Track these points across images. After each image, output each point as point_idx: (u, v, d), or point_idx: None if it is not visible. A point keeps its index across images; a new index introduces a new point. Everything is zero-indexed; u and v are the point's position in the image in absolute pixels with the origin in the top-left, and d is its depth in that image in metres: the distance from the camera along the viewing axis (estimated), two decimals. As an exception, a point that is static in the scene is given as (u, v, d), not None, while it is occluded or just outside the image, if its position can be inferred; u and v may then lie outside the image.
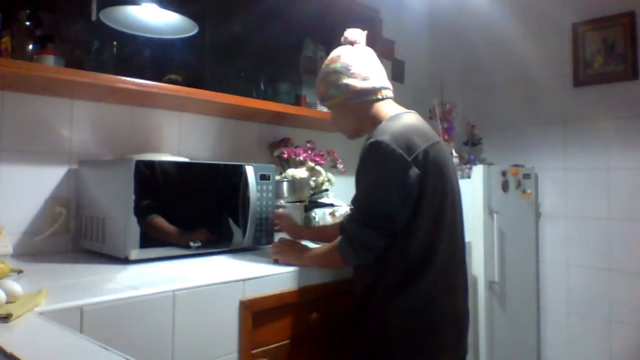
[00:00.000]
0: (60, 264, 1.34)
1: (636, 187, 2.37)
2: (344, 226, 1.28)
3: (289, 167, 2.00)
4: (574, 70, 2.56)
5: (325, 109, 2.19)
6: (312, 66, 2.29)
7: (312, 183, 2.03)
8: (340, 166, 2.21)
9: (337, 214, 1.86)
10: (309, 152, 2.06)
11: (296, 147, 2.07)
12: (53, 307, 0.89)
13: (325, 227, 1.77)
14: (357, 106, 1.33)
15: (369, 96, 1.32)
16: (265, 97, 2.05)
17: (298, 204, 1.87)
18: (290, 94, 2.21)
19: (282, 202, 1.82)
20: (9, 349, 0.67)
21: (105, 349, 0.70)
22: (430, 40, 3.10)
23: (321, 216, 1.92)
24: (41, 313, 0.86)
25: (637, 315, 2.35)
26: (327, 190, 2.09)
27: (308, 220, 1.95)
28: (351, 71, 1.32)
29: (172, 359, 1.05)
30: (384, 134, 1.19)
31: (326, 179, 2.09)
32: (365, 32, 1.42)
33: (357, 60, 1.33)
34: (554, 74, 2.64)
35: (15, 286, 0.89)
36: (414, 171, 1.17)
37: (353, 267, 1.34)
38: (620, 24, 2.41)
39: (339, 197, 2.21)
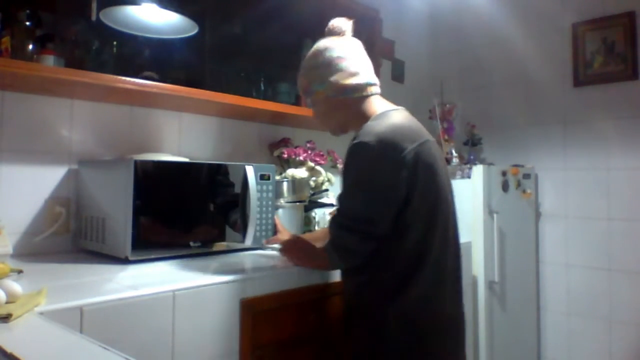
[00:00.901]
0: (60, 264, 1.34)
1: (636, 187, 2.37)
2: (329, 229, 1.24)
3: (289, 167, 2.00)
4: (574, 70, 2.56)
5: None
6: (312, 66, 2.29)
7: (312, 183, 2.03)
8: (340, 166, 2.21)
9: (337, 214, 1.86)
10: (309, 152, 2.06)
11: (296, 147, 2.07)
12: (53, 307, 0.89)
13: (317, 234, 1.72)
14: (342, 103, 1.27)
15: (355, 93, 1.26)
16: (265, 97, 2.05)
17: (298, 204, 1.87)
18: (290, 94, 2.21)
19: (282, 202, 1.82)
20: (9, 349, 0.67)
21: (105, 349, 0.70)
22: (430, 40, 3.10)
23: (321, 216, 1.92)
24: (41, 313, 0.86)
25: (637, 315, 2.35)
26: (327, 190, 2.09)
27: (308, 220, 1.95)
28: (337, 66, 1.25)
29: (172, 359, 1.05)
30: (369, 135, 1.14)
31: (326, 179, 2.09)
32: (352, 21, 1.35)
33: (343, 54, 1.26)
34: (554, 74, 2.64)
35: (15, 286, 0.89)
36: (401, 173, 1.12)
37: (341, 270, 1.32)
38: (620, 24, 2.41)
39: (339, 197, 2.20)
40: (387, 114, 1.24)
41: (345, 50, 1.28)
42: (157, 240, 1.39)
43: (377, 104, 1.28)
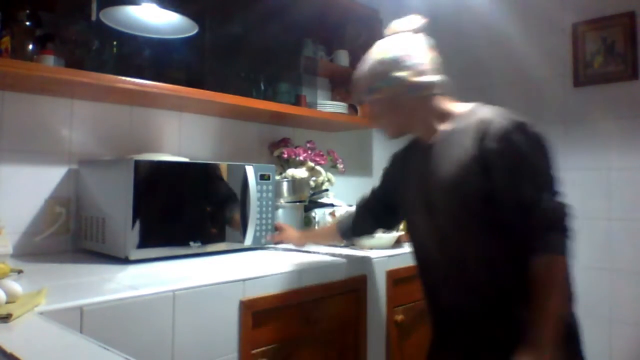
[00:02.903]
0: (60, 264, 1.34)
1: (636, 187, 2.37)
2: (544, 222, 1.06)
3: (289, 167, 2.00)
4: (574, 70, 2.56)
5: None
6: (312, 66, 2.29)
7: (312, 183, 2.03)
8: (340, 166, 2.21)
9: (337, 214, 1.86)
10: (309, 152, 2.06)
11: (296, 147, 2.07)
12: (53, 307, 0.89)
13: (325, 228, 1.75)
14: (408, 102, 1.20)
15: (424, 91, 1.19)
16: (265, 97, 2.05)
17: (298, 204, 1.87)
18: (290, 94, 2.21)
19: (282, 202, 1.82)
20: (9, 349, 0.67)
21: (105, 349, 0.70)
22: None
23: (321, 216, 1.93)
24: (41, 313, 0.86)
25: (637, 315, 2.35)
26: (327, 190, 2.09)
27: (308, 220, 1.95)
28: (404, 63, 1.19)
29: (172, 359, 1.05)
30: (512, 117, 1.14)
31: (326, 179, 2.09)
32: (423, 19, 1.29)
33: (411, 51, 1.20)
34: (554, 74, 2.63)
35: (15, 286, 0.89)
36: None
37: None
38: (620, 24, 2.41)
39: (339, 197, 2.21)
40: (481, 106, 1.21)
41: (411, 47, 1.22)
42: (157, 240, 1.39)
43: (451, 102, 1.24)
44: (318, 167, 2.04)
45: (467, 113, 1.20)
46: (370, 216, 1.50)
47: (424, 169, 1.23)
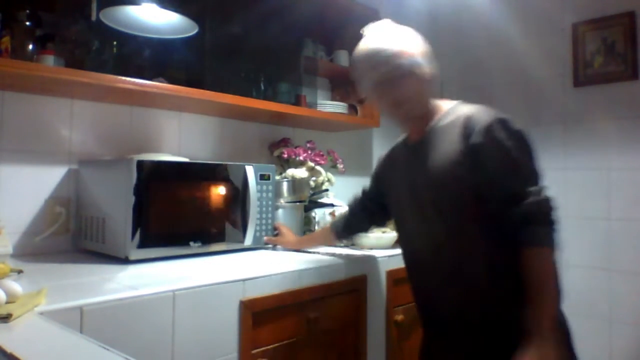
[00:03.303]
0: (60, 264, 1.34)
1: (636, 187, 2.37)
2: (530, 215, 1.07)
3: (289, 167, 2.00)
4: (574, 70, 2.56)
5: (321, 109, 2.19)
6: (312, 66, 2.29)
7: (312, 183, 2.03)
8: (340, 166, 2.21)
9: (337, 214, 1.86)
10: (309, 152, 2.06)
11: (296, 147, 2.07)
12: (53, 307, 0.89)
13: (319, 231, 1.75)
14: (429, 90, 1.24)
15: (434, 79, 1.25)
16: (265, 97, 2.04)
17: (298, 204, 1.87)
18: (290, 94, 2.21)
19: (282, 202, 1.82)
20: (9, 349, 0.67)
21: (105, 349, 0.70)
22: (430, 40, 3.10)
23: (321, 216, 1.93)
24: (41, 313, 0.87)
25: (637, 315, 2.35)
26: (327, 190, 2.09)
27: (308, 220, 1.95)
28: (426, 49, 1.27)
29: (172, 359, 1.05)
30: (494, 113, 1.14)
31: (326, 179, 2.09)
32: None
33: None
34: (554, 74, 2.63)
35: (15, 286, 0.89)
36: None
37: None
38: (620, 24, 2.41)
39: (339, 197, 2.21)
40: (463, 104, 1.24)
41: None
42: (157, 240, 1.39)
43: (437, 99, 1.29)
44: (318, 167, 2.04)
45: (451, 110, 1.22)
46: (363, 214, 1.52)
47: (413, 169, 1.24)
